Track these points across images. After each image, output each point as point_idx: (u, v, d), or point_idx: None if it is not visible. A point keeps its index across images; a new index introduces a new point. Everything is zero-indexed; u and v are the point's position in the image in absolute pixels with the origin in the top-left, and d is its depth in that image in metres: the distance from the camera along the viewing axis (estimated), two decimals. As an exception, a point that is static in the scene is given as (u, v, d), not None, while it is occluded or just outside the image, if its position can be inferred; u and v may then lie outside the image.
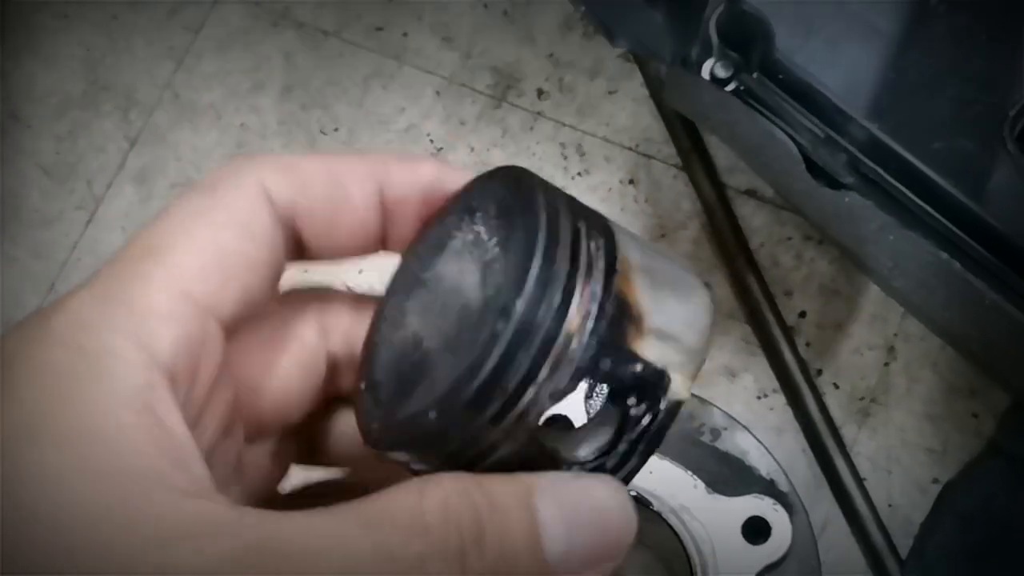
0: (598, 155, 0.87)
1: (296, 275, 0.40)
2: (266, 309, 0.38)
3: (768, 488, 0.61)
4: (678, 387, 0.33)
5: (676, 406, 0.34)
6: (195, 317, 0.34)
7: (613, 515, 0.34)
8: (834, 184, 0.69)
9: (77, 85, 0.92)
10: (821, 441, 0.76)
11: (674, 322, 0.34)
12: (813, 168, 0.69)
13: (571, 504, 0.33)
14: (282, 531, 0.31)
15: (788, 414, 0.78)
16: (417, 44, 0.91)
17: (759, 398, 0.79)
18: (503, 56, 0.90)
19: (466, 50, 0.90)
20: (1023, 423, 0.74)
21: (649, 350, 0.33)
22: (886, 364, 0.79)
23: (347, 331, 0.41)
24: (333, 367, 0.41)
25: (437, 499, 0.32)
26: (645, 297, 0.33)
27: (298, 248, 0.39)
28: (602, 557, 0.34)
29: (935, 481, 0.76)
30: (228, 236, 0.35)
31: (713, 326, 0.35)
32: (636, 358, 0.32)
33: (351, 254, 0.40)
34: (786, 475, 0.62)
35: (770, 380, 0.79)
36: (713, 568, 0.58)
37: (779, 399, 0.79)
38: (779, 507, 0.58)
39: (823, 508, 0.76)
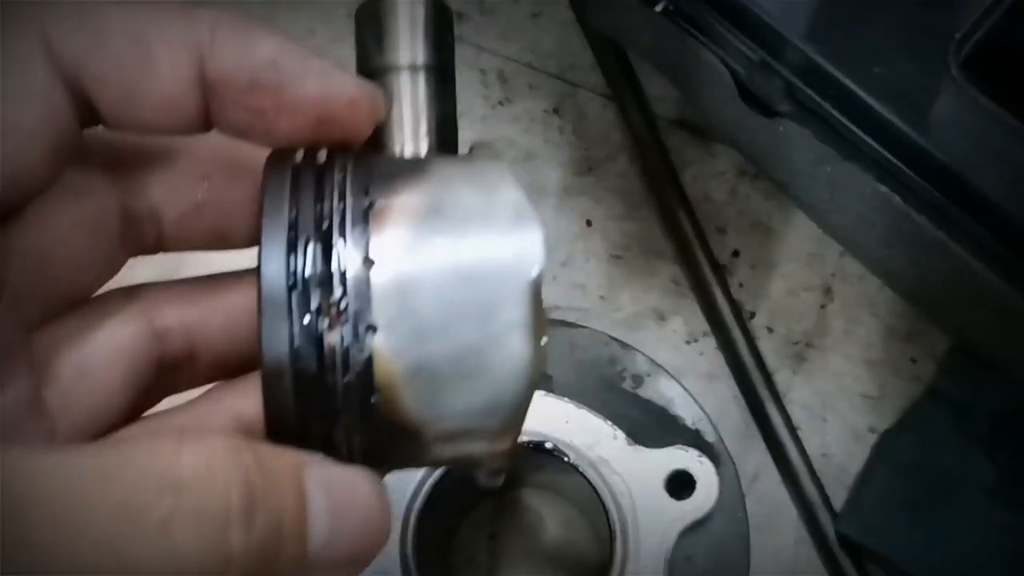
0: (521, 83, 0.81)
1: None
2: (56, 180, 0.33)
3: (693, 439, 0.57)
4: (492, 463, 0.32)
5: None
6: None
7: (375, 515, 0.31)
8: (768, 112, 0.64)
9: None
10: (753, 388, 0.72)
11: (463, 420, 0.31)
12: (746, 95, 0.64)
13: (338, 495, 0.31)
14: (32, 468, 0.26)
15: (719, 359, 0.74)
16: (328, -38, 0.84)
17: (689, 342, 0.75)
18: (421, -24, 0.83)
19: (381, -31, 0.84)
20: (964, 367, 0.71)
21: (442, 454, 0.31)
22: (822, 306, 0.75)
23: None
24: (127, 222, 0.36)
25: (199, 454, 0.28)
26: (417, 408, 0.31)
27: (93, 118, 0.33)
28: (358, 556, 0.31)
29: (871, 430, 0.72)
30: None
31: (530, 389, 0.31)
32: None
33: (162, 131, 0.34)
34: (713, 425, 0.57)
35: (701, 323, 0.75)
36: (634, 524, 0.54)
37: (710, 343, 0.74)
38: (704, 459, 0.54)
39: (755, 458, 0.72)
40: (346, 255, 0.30)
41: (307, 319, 0.30)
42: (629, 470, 0.54)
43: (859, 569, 0.68)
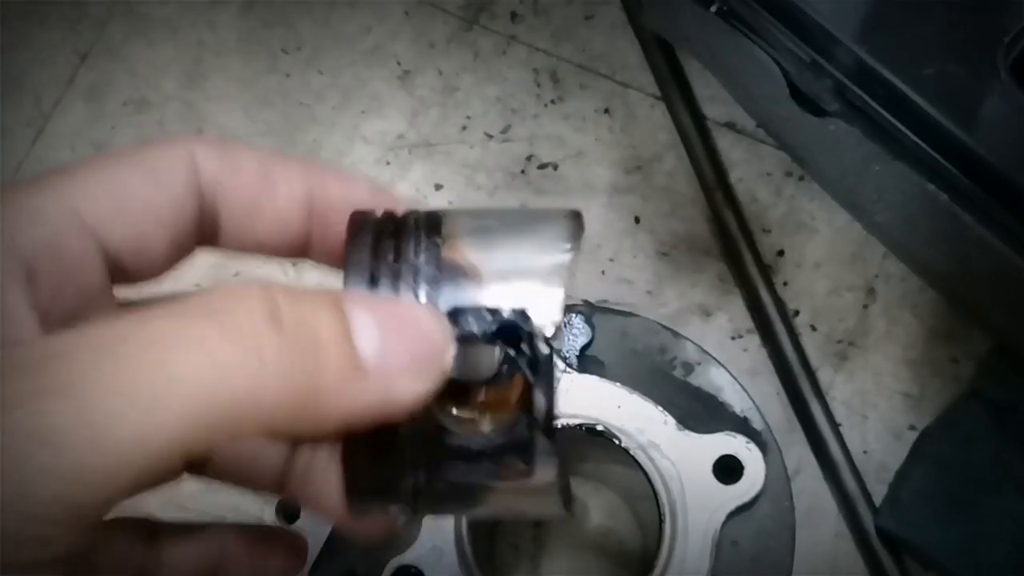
0: (573, 82, 0.83)
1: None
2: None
3: (741, 426, 0.58)
4: (543, 311, 0.35)
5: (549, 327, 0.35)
6: (74, 229, 0.35)
7: (425, 321, 0.33)
8: (818, 111, 0.65)
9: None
10: (796, 384, 0.73)
11: (515, 258, 0.36)
12: (797, 94, 0.66)
13: (383, 310, 0.33)
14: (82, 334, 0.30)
15: (763, 355, 0.75)
16: (386, -39, 0.86)
17: (733, 338, 0.76)
18: (476, -24, 0.85)
19: (437, -31, 0.86)
20: (1004, 368, 0.72)
21: (494, 292, 0.35)
22: (865, 306, 0.76)
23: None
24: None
25: (227, 291, 0.31)
26: (474, 252, 0.35)
27: (213, 230, 0.39)
28: (422, 361, 0.33)
29: (911, 428, 0.73)
30: (137, 179, 0.37)
31: (575, 242, 0.36)
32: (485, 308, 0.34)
33: (270, 251, 0.40)
34: (761, 413, 0.59)
35: (745, 320, 0.76)
36: (682, 507, 0.55)
37: (754, 340, 0.76)
38: (752, 446, 0.55)
39: (796, 452, 0.73)
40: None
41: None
42: (678, 454, 0.56)
43: (898, 564, 0.69)
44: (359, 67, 0.84)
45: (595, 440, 0.58)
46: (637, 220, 0.79)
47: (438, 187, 0.81)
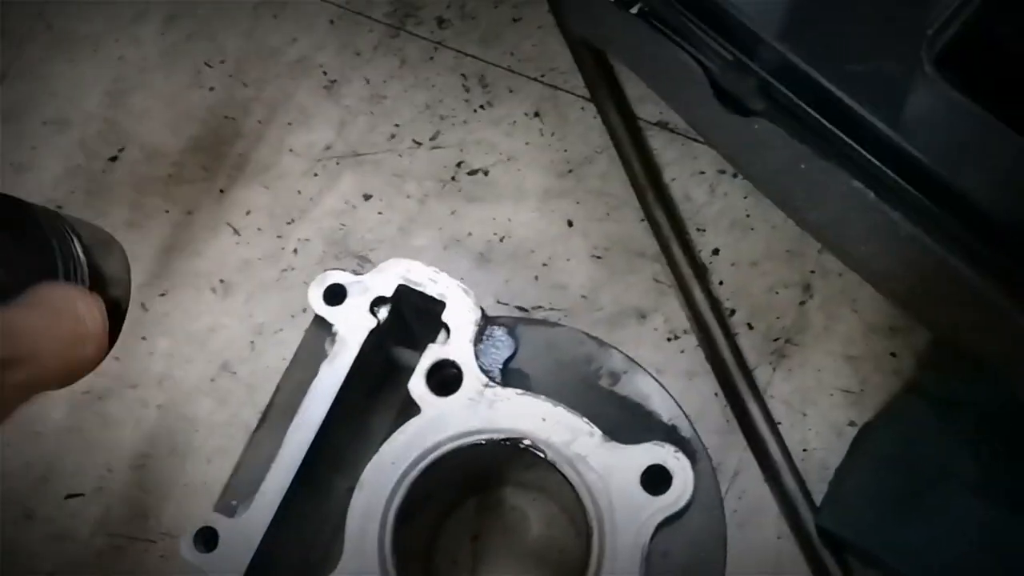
0: (502, 86, 0.82)
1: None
2: None
3: (669, 434, 0.57)
4: None
5: None
6: None
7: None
8: (743, 111, 0.64)
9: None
10: (733, 384, 0.73)
11: None
12: (721, 94, 0.65)
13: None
14: None
15: (700, 356, 0.74)
16: (310, -31, 0.85)
17: (670, 340, 0.75)
18: (401, -18, 0.84)
19: (362, -24, 0.85)
20: (945, 362, 0.71)
21: None
22: (802, 303, 0.75)
23: None
24: None
25: None
26: None
27: None
28: None
29: (852, 424, 0.72)
30: None
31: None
32: None
33: None
34: (689, 421, 0.58)
35: (682, 320, 0.75)
36: (611, 520, 0.54)
37: (690, 341, 0.75)
38: (680, 455, 0.54)
39: (736, 454, 0.72)
40: None
41: None
42: (605, 466, 0.55)
43: (840, 563, 0.69)
44: (284, 79, 0.83)
45: (525, 457, 0.56)
46: (570, 224, 0.78)
47: (367, 197, 0.79)
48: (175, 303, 0.77)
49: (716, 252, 0.77)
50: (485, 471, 0.69)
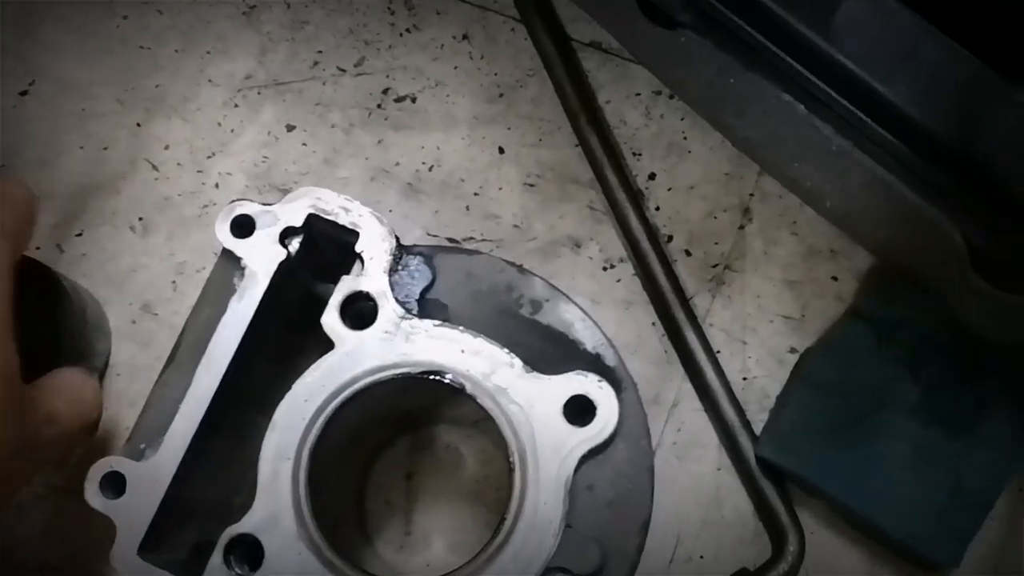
0: (429, 8, 0.78)
1: None
2: None
3: (594, 364, 0.55)
4: None
5: None
6: None
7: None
8: (669, 24, 0.61)
9: None
10: (671, 313, 0.70)
11: None
12: (647, 7, 0.62)
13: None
14: None
15: (637, 285, 0.72)
16: None
17: (605, 269, 0.73)
18: (321, -99, 0.80)
19: None
20: (885, 285, 0.69)
21: None
22: (741, 227, 0.73)
23: None
24: None
25: None
26: None
27: None
28: None
29: (792, 350, 0.70)
30: None
31: None
32: None
33: None
34: (615, 349, 0.55)
35: (618, 249, 0.73)
36: (532, 452, 0.52)
37: (627, 269, 0.72)
38: (604, 384, 0.52)
39: (675, 384, 0.70)
40: None
41: None
42: (527, 398, 0.52)
43: (781, 494, 0.67)
44: (201, 6, 0.79)
45: (445, 391, 0.54)
46: (501, 151, 0.75)
47: (290, 128, 0.76)
48: (92, 243, 0.74)
49: (652, 177, 0.74)
50: (414, 408, 0.67)
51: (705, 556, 0.67)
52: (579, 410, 0.52)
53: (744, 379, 0.70)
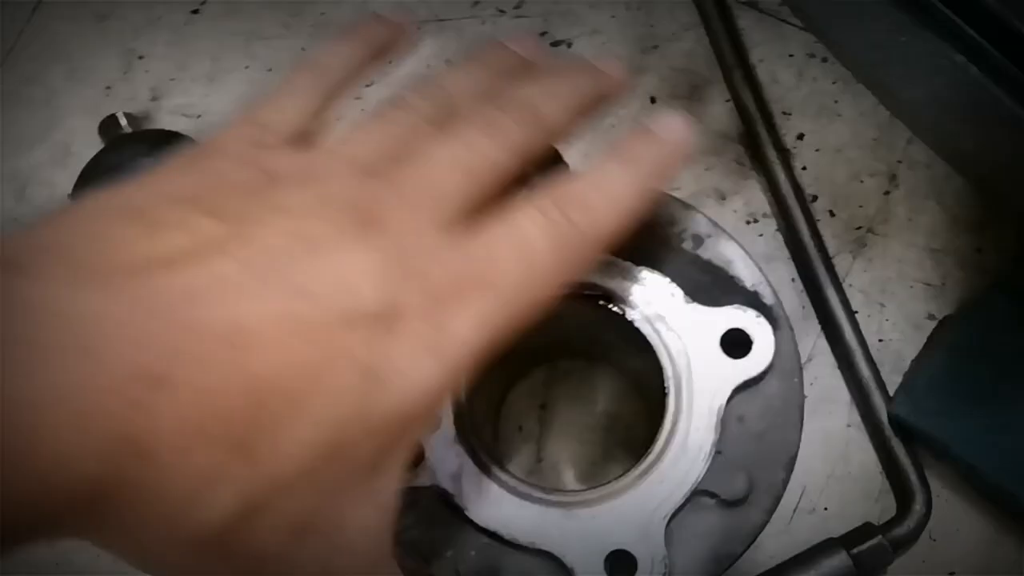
0: (590, -43, 0.80)
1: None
2: None
3: (751, 300, 0.56)
4: None
5: None
6: None
7: None
8: (844, -21, 0.62)
9: None
10: (812, 270, 0.71)
11: None
12: (822, -38, 0.63)
13: None
14: None
15: (779, 241, 0.73)
16: None
17: (749, 223, 0.74)
18: None
19: None
20: (1032, 259, 0.69)
21: None
22: (887, 192, 0.73)
23: None
24: None
25: None
26: None
27: None
28: None
29: (930, 317, 0.71)
30: None
31: None
32: None
33: None
34: (773, 288, 0.56)
35: (762, 204, 0.74)
36: (688, 381, 0.53)
37: (770, 225, 0.73)
38: (762, 320, 0.53)
39: (810, 340, 0.71)
40: None
41: None
42: (685, 327, 0.54)
43: (910, 455, 0.67)
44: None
45: (601, 317, 0.56)
46: (653, 100, 0.76)
47: (449, 63, 0.78)
48: (250, 161, 0.77)
49: (801, 137, 0.75)
50: (555, 339, 0.69)
51: (829, 508, 0.68)
52: (736, 343, 0.54)
53: (880, 341, 0.71)
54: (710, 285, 0.56)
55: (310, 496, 0.32)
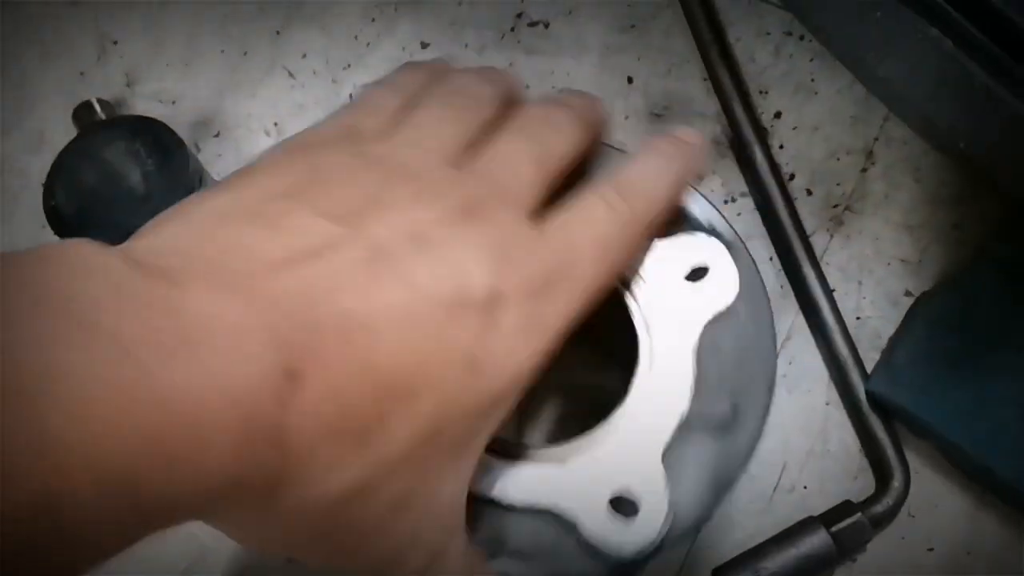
0: (566, -63, 0.79)
1: None
2: None
3: (707, 231, 0.56)
4: None
5: None
6: None
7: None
8: (819, -45, 0.62)
9: None
10: (790, 248, 0.71)
11: None
12: (797, -61, 0.63)
13: None
14: None
15: (756, 219, 0.73)
16: None
17: (727, 202, 0.74)
18: None
19: None
20: (1016, 228, 0.69)
21: None
22: (864, 170, 0.73)
23: None
24: None
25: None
26: None
27: None
28: None
29: (908, 294, 0.71)
30: None
31: None
32: None
33: None
34: (726, 219, 0.56)
35: (739, 183, 0.74)
36: (659, 318, 0.53)
37: (748, 203, 0.73)
38: (715, 242, 0.53)
39: (788, 319, 0.71)
40: None
41: None
42: (644, 267, 0.54)
43: (889, 431, 0.68)
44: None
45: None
46: (630, 80, 0.76)
47: (424, 45, 0.78)
48: (228, 145, 0.77)
49: (778, 115, 0.75)
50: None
51: (808, 487, 0.68)
52: (698, 275, 0.54)
53: (857, 319, 0.71)
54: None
55: (410, 476, 0.35)
